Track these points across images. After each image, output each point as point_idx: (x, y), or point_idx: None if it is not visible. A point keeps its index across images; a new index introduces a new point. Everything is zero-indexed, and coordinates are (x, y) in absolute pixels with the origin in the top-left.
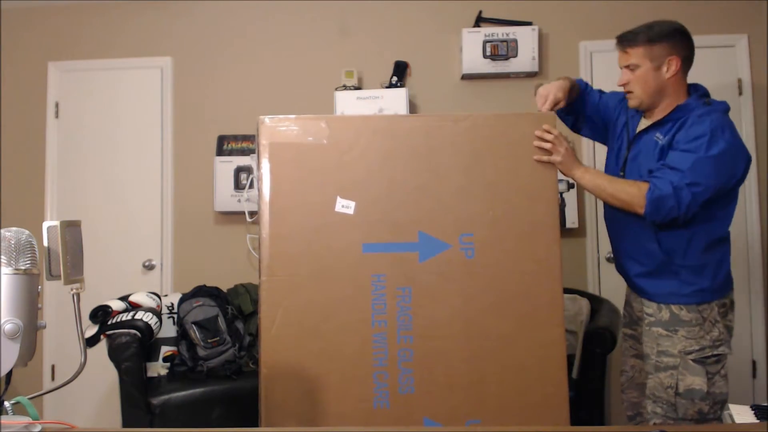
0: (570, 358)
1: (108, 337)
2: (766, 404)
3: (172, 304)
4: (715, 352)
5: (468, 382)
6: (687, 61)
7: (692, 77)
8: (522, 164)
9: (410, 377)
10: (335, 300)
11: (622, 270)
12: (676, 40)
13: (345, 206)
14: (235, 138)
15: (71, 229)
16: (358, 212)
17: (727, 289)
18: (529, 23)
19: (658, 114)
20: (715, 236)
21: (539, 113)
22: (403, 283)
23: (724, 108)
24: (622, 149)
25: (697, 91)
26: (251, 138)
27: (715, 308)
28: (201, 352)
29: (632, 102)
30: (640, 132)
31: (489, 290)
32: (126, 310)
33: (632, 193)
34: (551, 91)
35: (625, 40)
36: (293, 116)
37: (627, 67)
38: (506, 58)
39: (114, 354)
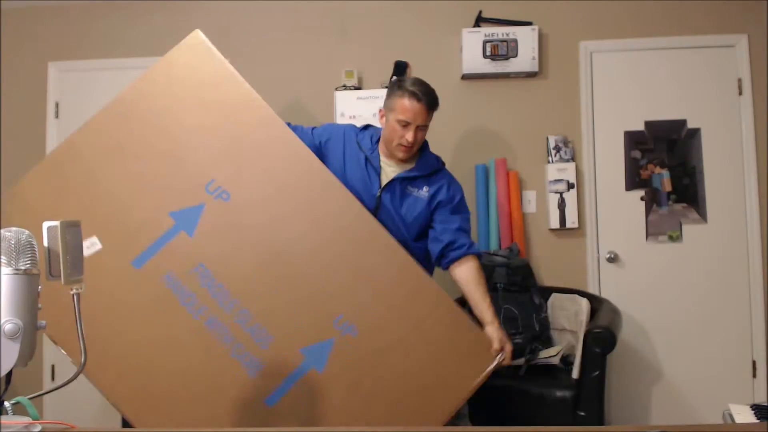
0: (570, 358)
1: None
2: (766, 404)
3: None
4: None
5: (306, 295)
6: None
7: (691, 77)
8: (221, 92)
9: (261, 330)
10: (151, 326)
11: None
12: None
13: (90, 245)
14: None
15: (71, 229)
16: (105, 239)
17: None
18: (529, 23)
19: (407, 164)
20: None
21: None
22: (193, 265)
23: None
24: (372, 186)
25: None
26: None
27: None
28: None
29: (406, 155)
30: (393, 179)
31: (265, 211)
32: None
33: (480, 271)
34: None
35: (433, 103)
36: None
37: (419, 126)
38: (506, 58)
39: None
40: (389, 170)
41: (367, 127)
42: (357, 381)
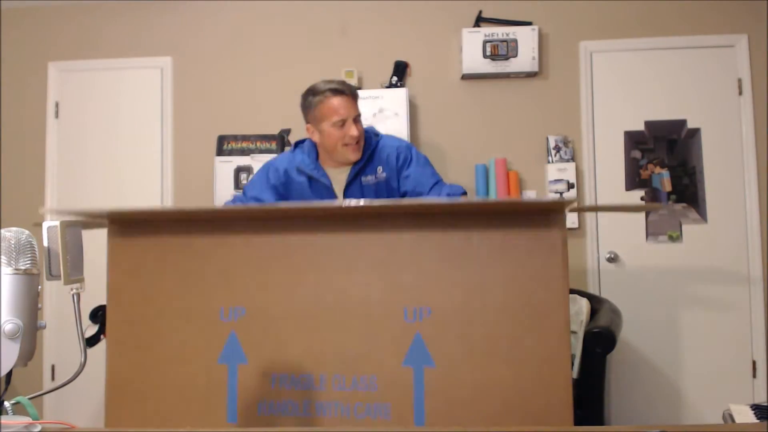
0: (570, 358)
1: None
2: (766, 404)
3: None
4: None
5: (361, 318)
6: None
7: (691, 77)
8: None
9: (364, 378)
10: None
11: None
12: None
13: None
14: (235, 138)
15: (71, 229)
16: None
17: None
18: (529, 23)
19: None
20: None
21: None
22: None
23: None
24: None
25: None
26: (251, 138)
27: None
28: None
29: (358, 152)
30: (347, 184)
31: None
32: None
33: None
34: None
35: (355, 91)
36: None
37: (355, 118)
38: (506, 58)
39: None
40: (340, 178)
41: (297, 145)
42: (469, 341)
